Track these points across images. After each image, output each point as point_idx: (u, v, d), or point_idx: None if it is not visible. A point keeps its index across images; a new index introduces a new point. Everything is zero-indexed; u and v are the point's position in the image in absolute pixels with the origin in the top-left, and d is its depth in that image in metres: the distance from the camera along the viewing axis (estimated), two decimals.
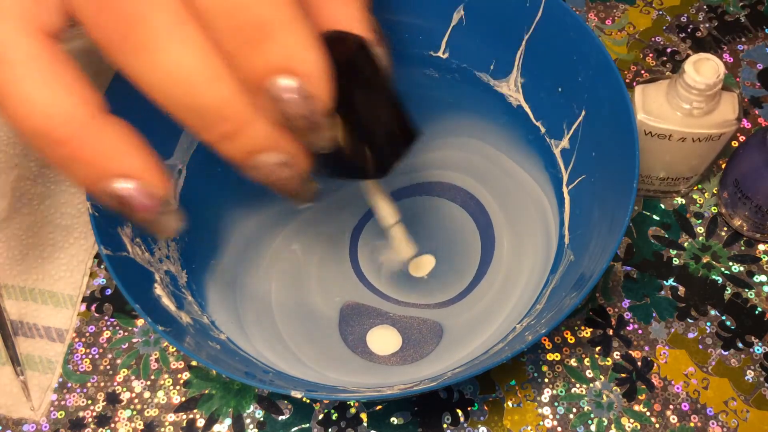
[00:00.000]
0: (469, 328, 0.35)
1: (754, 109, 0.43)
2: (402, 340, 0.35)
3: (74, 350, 0.37)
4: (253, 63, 0.18)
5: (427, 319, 0.35)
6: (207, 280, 0.35)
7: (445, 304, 0.36)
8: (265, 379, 0.30)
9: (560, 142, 0.36)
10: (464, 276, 0.36)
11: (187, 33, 0.18)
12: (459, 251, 0.37)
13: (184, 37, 0.18)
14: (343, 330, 0.35)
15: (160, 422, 0.36)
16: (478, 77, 0.38)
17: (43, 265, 0.39)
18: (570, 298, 0.28)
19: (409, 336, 0.35)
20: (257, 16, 0.17)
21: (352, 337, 0.35)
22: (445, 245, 0.37)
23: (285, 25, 0.18)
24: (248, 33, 0.18)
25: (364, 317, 0.36)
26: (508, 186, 0.38)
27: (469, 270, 0.37)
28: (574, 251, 0.33)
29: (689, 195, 0.41)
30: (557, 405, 0.36)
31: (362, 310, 0.36)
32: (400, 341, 0.35)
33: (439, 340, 0.35)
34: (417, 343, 0.35)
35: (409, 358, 0.35)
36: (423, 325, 0.35)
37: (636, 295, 0.38)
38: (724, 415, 0.35)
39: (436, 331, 0.35)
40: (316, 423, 0.35)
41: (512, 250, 0.37)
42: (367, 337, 0.35)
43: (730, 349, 0.37)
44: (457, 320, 0.35)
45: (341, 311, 0.36)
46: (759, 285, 0.38)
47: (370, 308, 0.36)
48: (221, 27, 0.18)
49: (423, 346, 0.35)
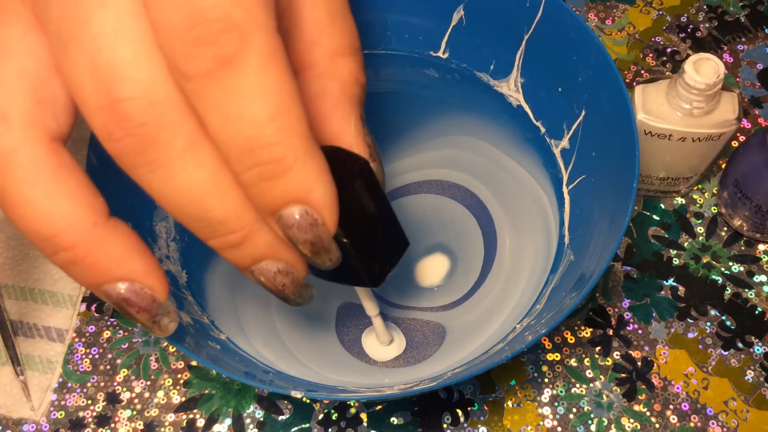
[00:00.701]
0: (471, 329, 0.35)
1: (754, 109, 0.43)
2: (405, 344, 0.35)
3: (74, 350, 0.37)
4: (268, 195, 0.19)
5: (429, 321, 0.35)
6: (207, 280, 0.35)
7: (449, 306, 0.36)
8: (265, 379, 0.30)
9: (560, 142, 0.36)
10: (468, 277, 0.36)
11: (201, 155, 0.18)
12: (463, 251, 0.37)
13: (198, 159, 0.18)
14: (340, 330, 0.35)
15: (160, 422, 0.36)
16: (478, 77, 0.38)
17: (43, 265, 0.39)
18: (570, 298, 0.28)
19: (412, 338, 0.35)
20: (275, 154, 0.18)
21: (348, 337, 0.35)
22: (449, 245, 0.37)
23: (300, 160, 0.18)
24: (265, 168, 0.18)
25: (361, 317, 0.36)
26: (509, 185, 0.38)
27: (473, 271, 0.36)
28: (574, 251, 0.33)
29: (689, 195, 0.41)
30: (557, 405, 0.36)
31: (359, 311, 0.36)
32: (402, 345, 0.35)
33: (442, 341, 0.35)
34: (420, 345, 0.35)
35: (412, 360, 0.34)
36: (426, 326, 0.35)
37: (636, 295, 0.38)
38: (724, 415, 0.35)
39: (439, 333, 0.35)
40: (316, 423, 0.35)
41: (514, 250, 0.37)
42: (365, 341, 0.35)
43: (730, 349, 0.37)
44: (460, 321, 0.35)
45: (338, 311, 0.36)
46: (759, 285, 0.38)
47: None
48: (237, 160, 0.18)
49: (425, 348, 0.35)
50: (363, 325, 0.35)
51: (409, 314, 0.36)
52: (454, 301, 0.36)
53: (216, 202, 0.19)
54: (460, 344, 0.34)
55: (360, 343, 0.35)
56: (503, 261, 0.36)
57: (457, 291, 0.36)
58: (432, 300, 0.36)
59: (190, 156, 0.18)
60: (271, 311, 0.35)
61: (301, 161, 0.18)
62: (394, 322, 0.36)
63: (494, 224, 0.37)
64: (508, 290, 0.35)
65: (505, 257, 0.36)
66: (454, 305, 0.36)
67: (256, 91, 0.17)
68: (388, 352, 0.35)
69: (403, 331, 0.35)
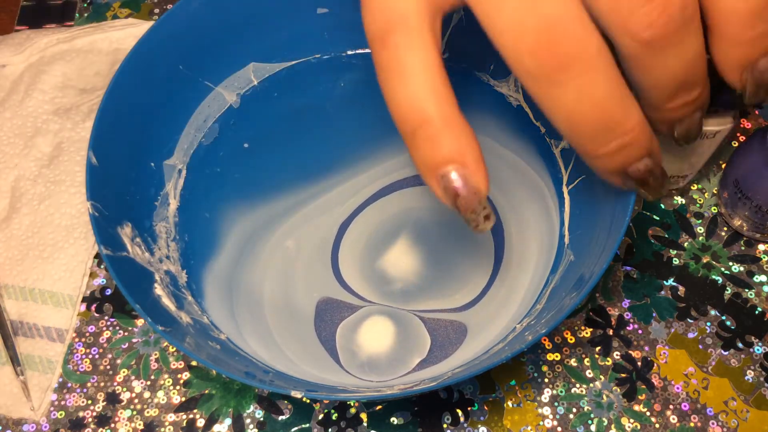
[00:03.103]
0: (489, 324, 0.34)
1: (754, 109, 0.43)
2: (429, 344, 0.34)
3: (74, 350, 0.37)
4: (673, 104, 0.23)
5: (454, 321, 0.35)
6: (206, 280, 0.35)
7: (468, 305, 0.35)
8: (265, 379, 0.30)
9: (560, 142, 0.36)
10: (482, 274, 0.36)
11: (608, 65, 0.21)
12: (473, 246, 0.37)
13: (608, 73, 0.21)
14: (318, 327, 0.35)
15: (160, 422, 0.36)
16: (478, 77, 0.38)
17: (43, 265, 0.39)
18: (570, 298, 0.28)
19: (436, 338, 0.34)
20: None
21: (346, 339, 0.35)
22: (460, 243, 0.37)
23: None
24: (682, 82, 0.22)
25: (342, 311, 0.35)
26: (513, 180, 0.37)
27: (486, 266, 0.36)
28: (574, 251, 0.33)
29: (689, 195, 0.41)
30: (557, 405, 0.36)
31: (341, 305, 0.36)
32: (427, 347, 0.34)
33: (463, 339, 0.34)
34: (442, 345, 0.34)
35: (435, 359, 0.34)
36: (450, 326, 0.35)
37: (636, 295, 0.38)
38: (724, 415, 0.35)
39: (462, 331, 0.34)
40: (316, 423, 0.35)
41: (520, 247, 0.36)
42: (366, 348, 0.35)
43: (730, 349, 0.37)
44: (478, 318, 0.35)
45: (317, 306, 0.35)
46: (759, 285, 0.38)
47: (346, 304, 0.36)
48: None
49: (448, 347, 0.34)
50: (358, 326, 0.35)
51: (430, 315, 0.35)
52: (469, 302, 0.35)
53: (617, 109, 0.21)
54: (481, 340, 0.34)
55: (358, 343, 0.35)
56: (511, 255, 0.36)
57: (474, 287, 0.36)
58: (451, 299, 0.35)
59: (600, 69, 0.20)
60: (263, 309, 0.35)
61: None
62: (411, 320, 0.35)
63: (499, 216, 0.37)
64: (516, 288, 0.35)
65: (513, 253, 0.36)
66: (473, 303, 0.35)
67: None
68: (411, 354, 0.34)
69: (428, 330, 0.35)
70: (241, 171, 0.38)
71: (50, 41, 0.45)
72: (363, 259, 0.36)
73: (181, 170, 0.37)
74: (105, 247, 0.29)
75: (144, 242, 0.33)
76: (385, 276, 0.36)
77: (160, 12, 0.48)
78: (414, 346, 0.34)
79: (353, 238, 0.37)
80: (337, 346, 0.34)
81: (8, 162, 0.41)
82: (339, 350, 0.34)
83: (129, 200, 0.34)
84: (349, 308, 0.35)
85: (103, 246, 0.29)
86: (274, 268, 0.36)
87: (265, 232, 0.37)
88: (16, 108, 0.43)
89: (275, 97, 0.40)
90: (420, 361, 0.34)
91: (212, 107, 0.38)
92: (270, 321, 0.35)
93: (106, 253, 0.29)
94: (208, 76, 0.37)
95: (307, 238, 0.37)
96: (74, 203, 0.40)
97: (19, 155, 0.42)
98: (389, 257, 0.37)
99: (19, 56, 0.44)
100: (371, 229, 0.37)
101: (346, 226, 0.37)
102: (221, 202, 0.37)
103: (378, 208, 0.37)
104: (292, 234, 0.37)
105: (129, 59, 0.33)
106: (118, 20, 0.47)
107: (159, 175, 0.36)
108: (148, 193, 0.35)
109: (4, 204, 0.40)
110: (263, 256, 0.36)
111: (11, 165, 0.41)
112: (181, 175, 0.37)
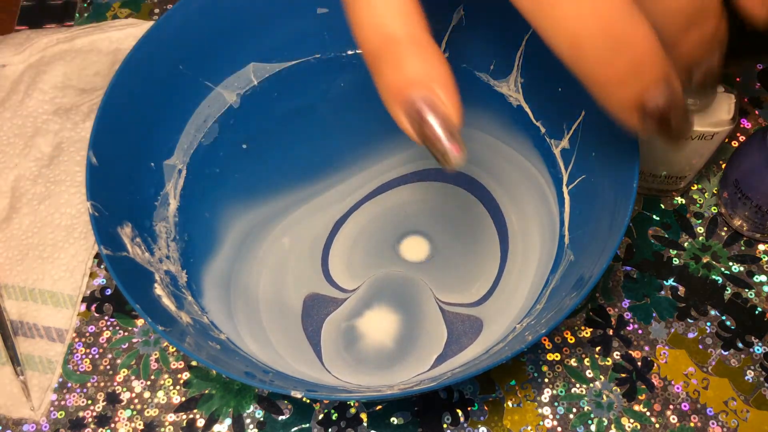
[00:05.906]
0: (493, 320, 0.34)
1: (754, 109, 0.43)
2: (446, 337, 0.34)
3: (74, 350, 0.37)
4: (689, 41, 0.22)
5: (470, 315, 0.35)
6: (205, 280, 0.35)
7: (481, 301, 0.35)
8: (265, 379, 0.30)
9: (560, 142, 0.36)
10: (491, 267, 0.36)
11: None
12: (479, 245, 0.37)
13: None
14: (305, 323, 0.35)
15: (160, 422, 0.36)
16: (478, 77, 0.38)
17: (43, 265, 0.39)
18: (570, 298, 0.28)
19: (453, 332, 0.35)
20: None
21: (344, 336, 0.35)
22: (465, 240, 0.37)
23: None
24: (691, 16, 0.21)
25: (324, 307, 0.36)
26: (513, 174, 0.37)
27: (492, 263, 0.36)
28: (574, 251, 0.33)
29: (689, 195, 0.41)
30: (557, 405, 0.36)
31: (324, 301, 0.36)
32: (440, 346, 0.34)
33: (478, 334, 0.34)
34: (457, 338, 0.34)
35: (451, 353, 0.34)
36: (467, 321, 0.35)
37: (636, 295, 0.38)
38: (724, 415, 0.35)
39: (477, 327, 0.34)
40: (316, 423, 0.35)
41: (524, 238, 0.36)
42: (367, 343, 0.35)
43: (730, 349, 0.37)
44: (492, 312, 0.35)
45: (304, 302, 0.36)
46: (759, 285, 0.38)
47: (329, 299, 0.36)
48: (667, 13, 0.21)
49: (462, 340, 0.34)
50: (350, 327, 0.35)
51: (449, 309, 0.35)
52: (481, 298, 0.35)
53: (625, 21, 0.19)
54: (494, 332, 0.34)
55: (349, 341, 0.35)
56: (516, 245, 0.36)
57: (484, 282, 0.36)
58: (465, 294, 0.36)
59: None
60: (258, 308, 0.35)
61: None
62: (433, 313, 0.35)
63: (502, 212, 0.37)
64: (519, 288, 0.35)
65: (517, 243, 0.36)
66: (485, 299, 0.35)
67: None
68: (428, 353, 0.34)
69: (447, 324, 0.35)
70: (241, 171, 0.38)
71: (50, 41, 0.45)
72: (360, 256, 0.36)
73: (181, 170, 0.37)
74: (105, 247, 0.29)
75: (144, 242, 0.33)
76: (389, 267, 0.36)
77: (160, 12, 0.48)
78: (427, 341, 0.34)
79: (349, 235, 0.37)
80: (322, 341, 0.34)
81: (8, 162, 0.41)
82: (322, 345, 0.34)
83: (129, 200, 0.34)
84: (334, 302, 0.35)
85: (103, 246, 0.29)
86: (269, 266, 0.36)
87: (262, 231, 0.37)
88: (16, 108, 0.43)
89: (275, 97, 0.39)
90: (437, 356, 0.34)
91: (212, 107, 0.38)
92: (264, 319, 0.35)
93: (106, 253, 0.29)
94: (208, 76, 0.37)
95: (301, 236, 0.37)
96: (74, 203, 0.40)
97: (19, 155, 0.42)
98: (392, 252, 0.37)
99: (19, 56, 0.44)
100: (369, 226, 0.37)
101: (341, 224, 0.37)
102: (221, 202, 0.37)
103: (377, 203, 0.38)
104: (287, 232, 0.37)
105: (129, 59, 0.33)
106: (118, 20, 0.47)
107: (159, 175, 0.36)
108: (148, 193, 0.35)
109: (4, 204, 0.40)
110: (259, 255, 0.36)
111: (11, 165, 0.41)
112: (181, 175, 0.37)
